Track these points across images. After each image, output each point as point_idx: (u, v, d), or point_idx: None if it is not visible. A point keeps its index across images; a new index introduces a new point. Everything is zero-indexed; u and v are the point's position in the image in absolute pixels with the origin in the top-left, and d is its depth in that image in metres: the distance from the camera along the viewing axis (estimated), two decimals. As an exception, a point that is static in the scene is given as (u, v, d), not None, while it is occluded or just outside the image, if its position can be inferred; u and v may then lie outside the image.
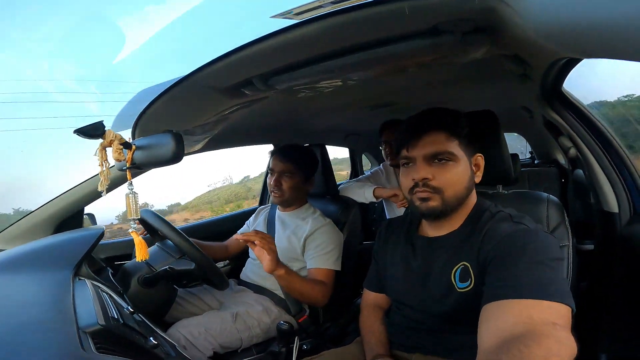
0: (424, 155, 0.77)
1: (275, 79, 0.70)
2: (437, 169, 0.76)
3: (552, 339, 0.51)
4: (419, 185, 0.77)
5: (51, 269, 0.97)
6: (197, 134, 1.01)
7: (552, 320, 0.54)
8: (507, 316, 0.57)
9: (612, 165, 1.09)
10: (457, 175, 0.76)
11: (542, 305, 0.56)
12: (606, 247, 1.20)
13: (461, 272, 0.75)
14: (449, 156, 0.76)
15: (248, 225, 1.58)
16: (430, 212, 0.77)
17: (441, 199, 0.76)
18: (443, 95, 1.33)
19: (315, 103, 1.18)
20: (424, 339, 0.81)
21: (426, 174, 0.76)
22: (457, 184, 0.77)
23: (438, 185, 0.76)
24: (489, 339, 0.56)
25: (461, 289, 0.74)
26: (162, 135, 0.69)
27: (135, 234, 0.83)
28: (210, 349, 1.12)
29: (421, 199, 0.77)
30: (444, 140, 0.76)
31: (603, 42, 0.40)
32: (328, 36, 0.52)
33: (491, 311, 0.60)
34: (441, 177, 0.76)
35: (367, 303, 1.01)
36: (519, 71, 0.86)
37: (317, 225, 1.30)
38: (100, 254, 1.45)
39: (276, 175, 1.33)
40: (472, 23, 0.55)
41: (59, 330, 0.67)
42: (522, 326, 0.54)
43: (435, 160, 0.76)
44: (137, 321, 0.90)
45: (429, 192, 0.76)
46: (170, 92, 0.66)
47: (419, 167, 0.77)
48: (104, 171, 0.73)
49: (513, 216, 0.75)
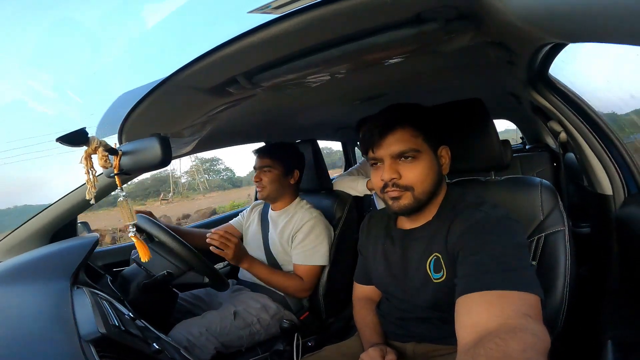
0: (390, 155, 0.77)
1: (260, 76, 0.69)
2: (405, 167, 0.77)
3: (528, 332, 0.51)
4: (388, 185, 0.77)
5: (48, 279, 0.97)
6: (186, 135, 1.00)
7: (524, 312, 0.55)
8: (479, 310, 0.57)
9: (603, 148, 1.09)
10: (424, 171, 0.77)
11: (512, 296, 0.57)
12: (602, 230, 1.20)
13: (434, 263, 0.76)
14: (415, 153, 0.76)
15: (243, 215, 1.59)
16: (402, 210, 0.78)
17: (412, 196, 0.77)
18: (432, 85, 1.33)
19: (304, 99, 1.17)
20: (415, 328, 0.82)
21: (393, 173, 0.76)
22: (426, 180, 0.77)
23: (407, 183, 0.76)
24: (466, 335, 0.57)
25: (436, 280, 0.75)
26: (149, 139, 0.68)
27: (136, 237, 0.83)
28: (212, 348, 1.12)
29: (392, 198, 0.78)
30: (408, 137, 0.76)
31: (586, 26, 0.40)
32: (309, 30, 0.52)
33: (464, 305, 0.60)
34: (409, 174, 0.76)
35: (358, 296, 1.03)
36: (504, 58, 0.86)
37: (304, 220, 1.31)
38: (97, 262, 1.44)
39: (257, 172, 1.38)
40: (455, 10, 0.54)
41: (60, 340, 0.67)
42: (496, 319, 0.54)
43: (402, 158, 0.77)
44: (139, 327, 0.90)
45: (399, 191, 0.77)
46: (153, 95, 0.65)
47: (387, 168, 0.77)
48: (91, 179, 0.73)
49: (477, 203, 0.76)
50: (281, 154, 1.39)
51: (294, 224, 1.33)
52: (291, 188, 1.40)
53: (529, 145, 3.49)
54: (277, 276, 1.27)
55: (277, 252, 1.34)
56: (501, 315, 0.54)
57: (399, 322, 0.86)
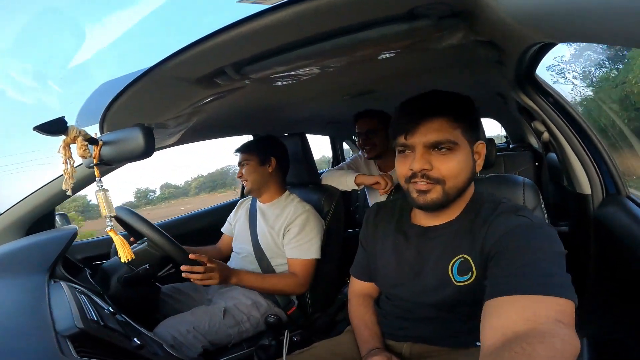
0: (424, 144, 0.70)
1: (249, 68, 0.67)
2: (438, 159, 0.71)
3: (557, 338, 0.50)
4: (417, 175, 0.71)
5: (24, 273, 0.94)
6: (171, 126, 0.98)
7: (557, 318, 0.53)
8: (510, 313, 0.55)
9: (584, 149, 1.12)
10: (459, 165, 0.71)
11: (546, 302, 0.54)
12: (580, 228, 1.24)
13: (460, 265, 0.72)
14: (451, 145, 0.70)
15: (229, 222, 1.56)
16: (428, 205, 0.73)
17: (442, 191, 0.71)
18: (421, 82, 1.33)
19: (293, 92, 1.16)
20: (414, 328, 0.80)
21: (425, 164, 0.70)
22: (459, 175, 0.72)
23: (439, 176, 0.71)
24: (492, 336, 0.54)
25: (459, 282, 0.71)
26: (131, 129, 0.66)
27: (114, 232, 0.80)
28: (199, 346, 1.10)
29: (419, 191, 0.72)
30: (447, 127, 0.70)
31: (577, 26, 0.40)
32: (301, 22, 0.51)
33: (494, 307, 0.58)
34: (442, 167, 0.71)
35: (356, 292, 0.97)
36: (494, 58, 0.86)
37: (297, 214, 1.30)
38: (76, 255, 1.40)
39: (239, 168, 1.39)
40: (448, 7, 0.54)
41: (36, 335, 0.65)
42: (526, 323, 0.52)
43: (436, 148, 0.71)
44: (119, 322, 0.88)
45: (429, 183, 0.71)
46: (138, 84, 0.63)
47: (418, 157, 0.71)
48: (68, 169, 0.70)
49: (516, 209, 0.72)
50: (256, 145, 1.41)
51: (285, 216, 1.32)
52: (273, 178, 1.39)
53: (513, 145, 3.57)
54: (270, 279, 1.26)
55: (267, 244, 1.33)
56: (533, 319, 0.52)
57: (398, 321, 0.83)
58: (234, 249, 1.46)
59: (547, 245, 0.62)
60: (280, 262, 1.33)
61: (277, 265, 1.33)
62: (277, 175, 1.40)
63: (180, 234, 1.45)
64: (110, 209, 0.76)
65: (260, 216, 1.40)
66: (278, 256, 1.33)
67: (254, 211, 1.44)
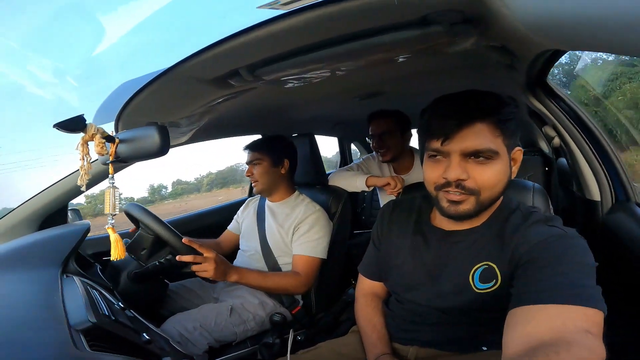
0: (462, 151, 0.65)
1: (263, 70, 0.68)
2: (474, 168, 0.66)
3: (583, 347, 0.49)
4: (450, 185, 0.67)
5: (38, 267, 0.95)
6: (183, 125, 1.00)
7: (585, 328, 0.51)
8: (537, 321, 0.53)
9: (595, 154, 1.12)
10: (497, 175, 0.66)
11: (576, 311, 0.53)
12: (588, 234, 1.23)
13: (483, 272, 0.69)
14: (491, 154, 0.65)
15: (236, 219, 1.57)
16: (459, 216, 0.68)
17: (475, 202, 0.67)
18: (430, 85, 1.33)
19: (303, 93, 1.17)
20: (423, 333, 0.79)
21: (462, 174, 0.65)
22: (496, 186, 0.67)
23: (474, 186, 0.66)
24: (516, 344, 0.53)
25: (480, 289, 0.69)
26: (147, 127, 0.68)
27: (112, 230, 0.81)
28: (205, 343, 1.12)
29: (451, 202, 0.68)
30: (487, 134, 0.65)
31: (590, 35, 0.41)
32: (315, 27, 0.52)
33: (521, 315, 0.56)
34: (479, 177, 0.66)
35: (364, 291, 0.94)
36: (505, 62, 0.86)
37: (308, 213, 1.31)
38: (87, 250, 1.43)
39: (249, 167, 1.38)
40: (460, 14, 0.55)
41: (50, 329, 0.66)
42: (553, 332, 0.51)
43: (473, 157, 0.66)
44: (129, 317, 0.90)
45: (463, 194, 0.66)
46: (155, 84, 0.64)
47: (455, 165, 0.65)
48: (85, 165, 0.72)
49: (548, 218, 0.69)
50: (268, 145, 1.39)
51: (296, 215, 1.32)
52: (285, 179, 1.40)
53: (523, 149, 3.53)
54: (272, 278, 1.24)
55: (275, 242, 1.34)
56: (560, 329, 0.51)
57: (407, 325, 0.81)
58: (241, 247, 1.47)
59: (580, 257, 0.60)
60: (287, 261, 1.34)
61: (284, 264, 1.34)
62: (288, 175, 1.41)
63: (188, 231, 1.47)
64: (114, 208, 0.77)
65: (270, 214, 1.41)
66: (285, 255, 1.33)
67: (262, 209, 1.45)
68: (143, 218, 1.09)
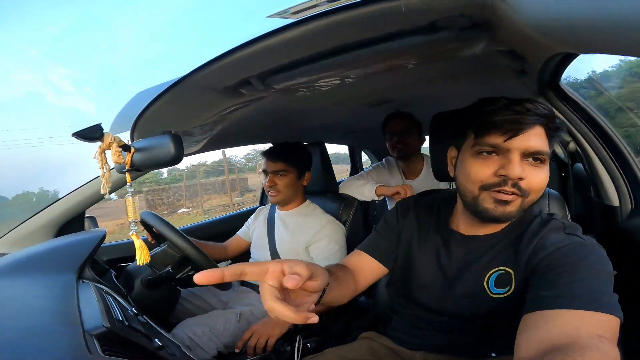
0: (525, 150, 0.65)
1: (273, 79, 0.69)
2: (530, 169, 0.66)
3: (597, 352, 0.48)
4: (507, 183, 0.65)
5: (55, 273, 0.97)
6: (196, 134, 1.01)
7: (599, 333, 0.51)
8: (551, 326, 0.53)
9: (612, 159, 1.09)
10: (546, 180, 0.67)
11: (591, 317, 0.53)
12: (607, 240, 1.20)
13: (498, 277, 0.69)
14: (545, 157, 0.66)
15: (247, 226, 1.58)
16: (505, 218, 0.67)
17: (520, 204, 0.67)
18: (440, 91, 1.33)
19: (313, 101, 1.18)
20: (431, 338, 0.78)
21: (522, 172, 0.64)
22: (542, 190, 0.68)
23: (527, 188, 0.66)
24: (529, 348, 0.52)
25: (495, 295, 0.69)
26: (161, 136, 0.69)
27: (136, 237, 0.83)
28: (214, 348, 1.12)
29: (500, 201, 0.66)
30: (544, 136, 0.66)
31: (600, 37, 0.40)
32: (325, 35, 0.52)
33: (535, 320, 0.56)
34: (533, 179, 0.66)
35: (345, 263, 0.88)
36: (516, 66, 0.86)
37: (322, 224, 1.31)
38: (102, 257, 1.46)
39: (270, 176, 1.34)
40: (468, 19, 0.55)
41: (65, 333, 0.67)
42: (567, 337, 0.51)
43: (530, 158, 0.66)
44: (141, 323, 0.91)
45: (515, 195, 0.65)
46: (168, 94, 0.66)
47: (515, 163, 0.64)
48: (105, 174, 0.74)
49: (566, 226, 0.69)
50: (295, 156, 1.37)
51: (309, 226, 1.32)
52: (302, 190, 1.41)
53: None
54: None
55: (285, 251, 1.34)
56: (574, 334, 0.51)
57: (414, 330, 0.81)
58: (252, 256, 1.48)
59: (598, 265, 0.60)
60: None
61: None
62: (304, 187, 1.41)
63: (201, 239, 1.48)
64: (136, 215, 0.79)
65: (280, 224, 1.41)
66: None
67: (272, 219, 1.45)
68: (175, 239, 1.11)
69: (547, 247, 0.64)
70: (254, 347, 1.09)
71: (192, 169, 15.67)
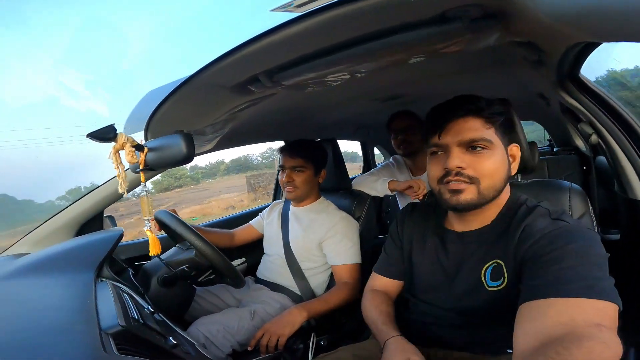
0: (459, 142, 0.70)
1: (281, 75, 0.69)
2: (473, 158, 0.70)
3: (596, 341, 0.47)
4: (451, 174, 0.70)
5: (74, 272, 0.99)
6: (208, 133, 1.02)
7: (597, 321, 0.50)
8: (545, 317, 0.53)
9: (636, 151, 1.04)
10: (494, 164, 0.70)
11: (586, 305, 0.52)
12: (633, 236, 1.15)
13: (493, 270, 0.71)
14: (486, 144, 0.70)
15: (262, 217, 1.58)
16: (462, 205, 0.71)
17: (476, 191, 0.70)
18: (455, 85, 1.30)
19: (324, 97, 1.17)
20: (443, 335, 0.78)
21: (460, 162, 0.69)
22: (495, 175, 0.71)
23: (474, 174, 0.70)
24: (526, 341, 0.52)
25: (491, 288, 0.70)
26: (173, 136, 0.70)
27: (150, 232, 0.86)
28: (228, 346, 1.13)
29: (452, 191, 0.71)
30: (479, 126, 0.70)
31: (622, 24, 0.38)
32: (332, 28, 0.51)
33: (529, 311, 0.56)
34: (477, 166, 0.69)
35: (374, 287, 0.95)
36: (532, 57, 0.83)
37: (335, 220, 1.31)
38: (121, 255, 1.48)
39: (287, 172, 1.35)
40: (480, 9, 0.53)
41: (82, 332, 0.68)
42: (562, 327, 0.50)
43: (470, 148, 0.70)
44: (157, 321, 0.92)
45: (464, 182, 0.70)
46: (178, 93, 0.66)
47: (453, 155, 0.70)
48: (121, 173, 0.75)
49: (552, 212, 0.69)
50: (313, 153, 1.37)
51: (322, 222, 1.32)
52: (317, 187, 1.41)
53: (557, 148, 3.37)
54: (331, 298, 1.22)
55: (298, 247, 1.34)
56: (569, 323, 0.50)
57: (425, 327, 0.81)
58: (265, 251, 1.49)
59: (587, 249, 0.59)
60: (309, 266, 1.33)
61: (307, 269, 1.34)
62: (319, 184, 1.42)
63: None
64: (150, 212, 0.81)
65: (294, 220, 1.41)
66: (308, 260, 1.33)
67: (286, 215, 1.46)
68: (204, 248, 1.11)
69: (533, 235, 0.65)
70: (266, 346, 1.09)
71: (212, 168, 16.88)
